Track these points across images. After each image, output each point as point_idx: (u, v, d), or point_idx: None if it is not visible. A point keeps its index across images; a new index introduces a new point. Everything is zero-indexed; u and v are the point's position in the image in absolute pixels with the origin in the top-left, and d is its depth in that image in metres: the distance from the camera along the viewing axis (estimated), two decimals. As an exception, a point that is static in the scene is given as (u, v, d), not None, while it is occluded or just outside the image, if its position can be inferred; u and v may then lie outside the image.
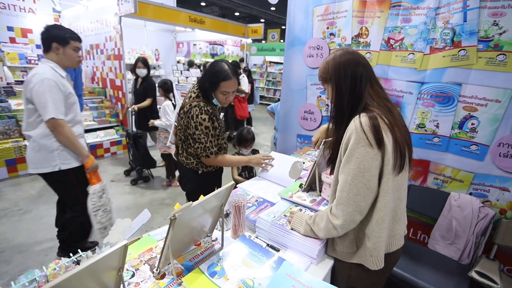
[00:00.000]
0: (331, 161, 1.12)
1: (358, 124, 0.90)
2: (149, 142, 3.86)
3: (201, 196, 1.05)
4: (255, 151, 2.30)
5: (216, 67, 1.47)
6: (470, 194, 1.74)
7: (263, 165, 1.69)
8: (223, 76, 1.45)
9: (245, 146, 2.17)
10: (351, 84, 0.98)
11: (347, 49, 1.04)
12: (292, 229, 1.12)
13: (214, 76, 1.47)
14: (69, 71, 3.29)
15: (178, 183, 3.17)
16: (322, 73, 1.07)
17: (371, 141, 0.88)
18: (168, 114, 3.20)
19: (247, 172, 2.28)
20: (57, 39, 1.77)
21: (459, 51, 1.61)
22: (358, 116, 0.93)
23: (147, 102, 3.56)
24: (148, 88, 3.59)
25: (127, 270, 0.94)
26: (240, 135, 2.17)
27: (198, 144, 1.53)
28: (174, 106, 3.24)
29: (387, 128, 0.91)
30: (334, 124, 1.06)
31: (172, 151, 3.01)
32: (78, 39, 1.86)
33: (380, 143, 0.88)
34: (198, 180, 1.68)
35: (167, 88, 3.35)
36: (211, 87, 1.50)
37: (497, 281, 1.41)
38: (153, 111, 3.67)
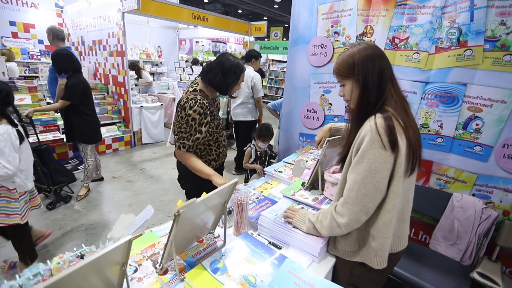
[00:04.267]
0: (343, 160, 1.09)
1: (374, 125, 0.88)
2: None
3: (204, 193, 1.05)
4: (270, 146, 2.61)
5: (234, 61, 1.49)
6: (473, 195, 1.74)
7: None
8: (242, 68, 1.50)
9: (263, 140, 2.49)
10: (378, 80, 0.93)
11: (368, 43, 0.99)
12: (294, 226, 1.12)
13: (237, 69, 1.48)
14: None
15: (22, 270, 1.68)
16: (343, 68, 0.98)
17: (385, 143, 0.86)
18: (5, 154, 1.59)
19: (259, 163, 2.52)
20: (256, 56, 3.59)
21: (465, 51, 1.60)
22: (373, 116, 0.91)
23: (55, 105, 2.89)
24: (68, 87, 2.75)
25: (129, 265, 0.94)
26: (261, 130, 2.48)
27: (178, 133, 1.49)
28: (22, 135, 1.78)
29: (402, 130, 0.89)
30: (356, 122, 1.00)
31: (24, 218, 1.79)
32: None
33: (394, 145, 0.87)
34: (197, 179, 1.61)
35: (3, 99, 1.67)
36: (235, 82, 1.51)
37: (498, 282, 1.41)
38: (80, 119, 2.84)
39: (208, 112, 1.49)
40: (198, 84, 1.54)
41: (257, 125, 3.63)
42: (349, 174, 0.95)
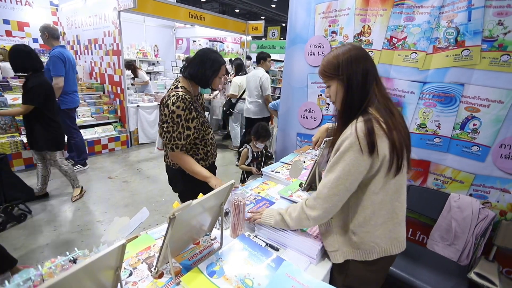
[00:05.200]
0: None
1: (354, 130, 0.90)
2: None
3: (200, 195, 1.03)
4: (265, 147, 2.56)
5: (211, 55, 1.50)
6: (470, 195, 1.74)
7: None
8: (221, 61, 1.51)
9: (262, 141, 2.42)
10: (362, 80, 0.94)
11: (353, 44, 1.00)
12: (260, 224, 1.16)
13: (215, 62, 1.49)
14: (59, 67, 3.20)
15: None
16: (328, 69, 0.99)
17: (363, 147, 0.88)
18: None
19: (256, 164, 2.48)
20: (264, 57, 3.96)
21: (462, 51, 1.60)
22: (356, 120, 0.92)
23: (17, 109, 2.48)
24: (30, 89, 2.42)
25: (124, 269, 0.92)
26: (258, 131, 2.41)
27: (165, 134, 1.43)
28: None
29: (383, 133, 0.90)
30: (341, 123, 1.01)
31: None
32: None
33: (371, 149, 0.88)
34: (187, 180, 1.58)
35: None
36: (215, 73, 1.51)
37: (496, 282, 1.41)
38: (44, 125, 2.55)
39: (192, 107, 1.45)
40: (179, 82, 1.53)
41: (269, 122, 4.08)
42: (326, 171, 0.98)
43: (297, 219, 1.03)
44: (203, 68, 1.48)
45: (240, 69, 4.59)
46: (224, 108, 4.74)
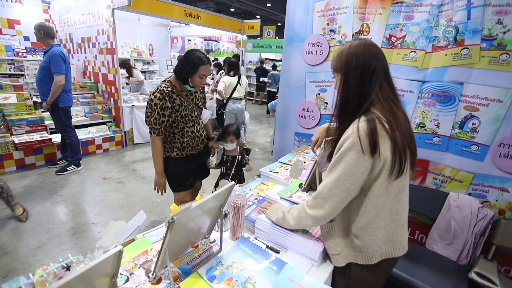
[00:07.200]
0: (331, 158, 1.09)
1: (356, 129, 0.88)
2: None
3: (199, 196, 1.00)
4: (248, 150, 2.19)
5: (195, 54, 1.67)
6: (469, 194, 1.74)
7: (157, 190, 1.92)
8: (202, 61, 1.66)
9: (224, 139, 2.06)
10: (361, 78, 0.92)
11: (366, 40, 0.98)
12: (267, 217, 1.16)
13: (195, 60, 1.65)
14: (61, 65, 3.17)
15: None
16: (334, 61, 1.00)
17: (364, 147, 0.86)
18: None
19: (225, 169, 2.13)
20: None
21: (461, 50, 1.60)
22: (358, 120, 0.90)
23: None
24: None
25: (120, 274, 0.89)
26: (224, 128, 2.12)
27: (146, 118, 1.69)
28: None
29: (386, 133, 0.87)
30: (337, 119, 1.00)
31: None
32: None
33: (373, 150, 0.86)
34: (165, 164, 1.84)
35: None
36: (192, 71, 1.66)
37: (496, 282, 1.41)
38: None
39: (167, 98, 1.65)
40: (170, 77, 1.76)
41: None
42: (327, 171, 0.96)
43: (297, 217, 1.03)
44: (183, 66, 1.66)
45: (231, 68, 4.51)
46: (223, 110, 4.71)
